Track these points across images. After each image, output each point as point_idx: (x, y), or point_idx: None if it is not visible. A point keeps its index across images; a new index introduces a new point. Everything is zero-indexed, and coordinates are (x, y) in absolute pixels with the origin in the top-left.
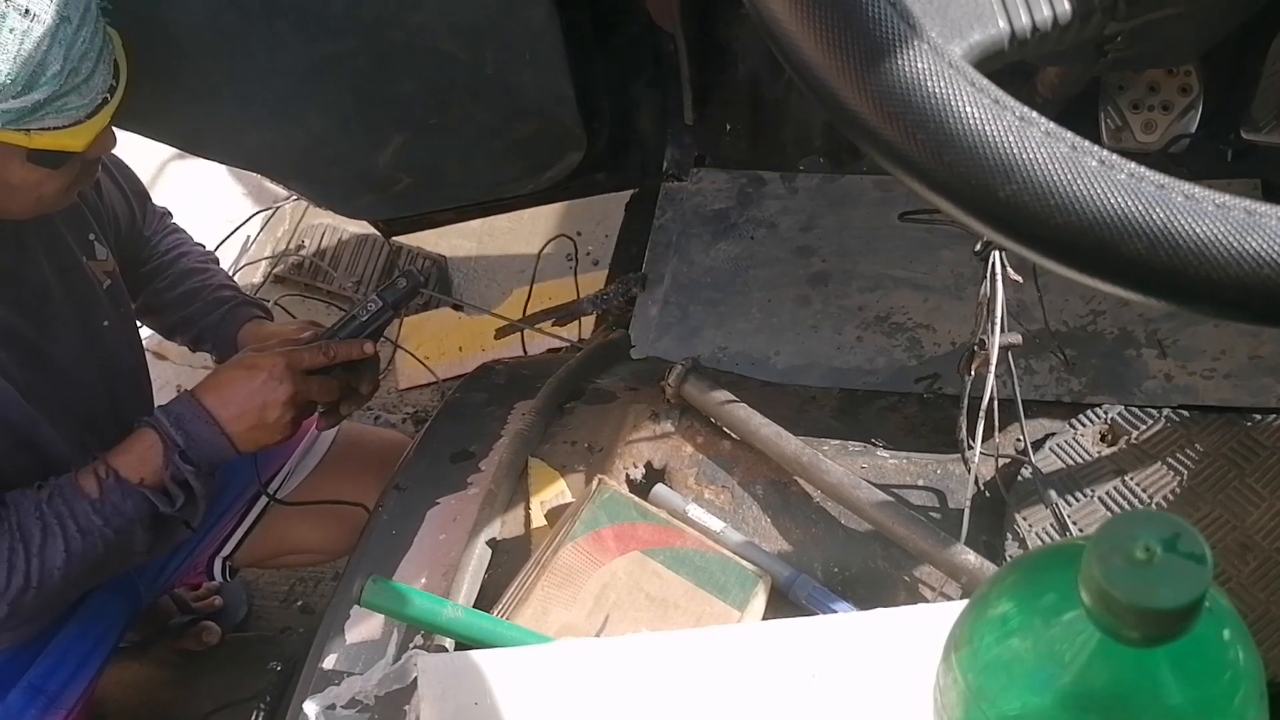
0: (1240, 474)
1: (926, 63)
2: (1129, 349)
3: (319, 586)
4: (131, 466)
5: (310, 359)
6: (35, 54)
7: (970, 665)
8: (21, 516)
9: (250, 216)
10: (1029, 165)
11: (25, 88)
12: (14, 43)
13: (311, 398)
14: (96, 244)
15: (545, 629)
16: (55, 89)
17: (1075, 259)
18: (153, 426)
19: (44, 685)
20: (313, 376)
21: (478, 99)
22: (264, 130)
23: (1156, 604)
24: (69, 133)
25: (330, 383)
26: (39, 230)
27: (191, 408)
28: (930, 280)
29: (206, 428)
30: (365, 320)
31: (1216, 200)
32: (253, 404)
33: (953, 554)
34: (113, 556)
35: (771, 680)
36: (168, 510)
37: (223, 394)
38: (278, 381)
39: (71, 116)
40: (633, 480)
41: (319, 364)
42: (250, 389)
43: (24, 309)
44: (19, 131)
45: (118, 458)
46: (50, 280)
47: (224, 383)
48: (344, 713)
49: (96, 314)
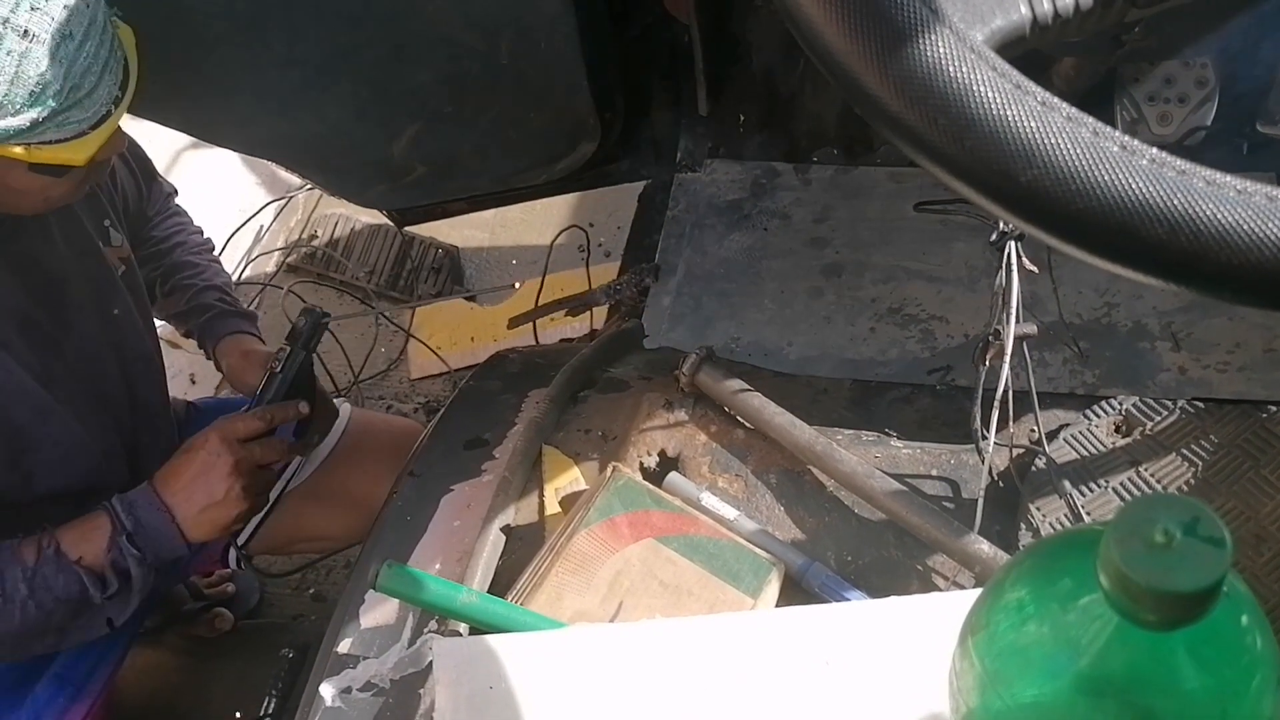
0: (1255, 465)
1: (948, 47)
2: (1143, 341)
3: (330, 574)
4: (74, 542)
5: (245, 428)
6: (33, 74)
7: (986, 650)
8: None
9: (263, 206)
10: (1050, 150)
11: (23, 106)
12: (11, 64)
13: (257, 463)
14: (112, 230)
15: (559, 615)
16: (55, 106)
17: (1096, 244)
18: (105, 509)
19: (69, 675)
20: (253, 442)
21: (493, 89)
22: (279, 119)
23: (1175, 587)
24: (70, 146)
25: (274, 443)
26: (59, 216)
27: (145, 494)
28: (944, 272)
29: (156, 514)
30: (285, 372)
31: (1238, 186)
32: (197, 483)
33: (966, 543)
34: (25, 634)
35: (785, 667)
36: (97, 596)
37: (170, 480)
38: (215, 455)
39: (74, 130)
40: (646, 468)
41: (256, 431)
42: (192, 470)
43: (42, 296)
44: (18, 146)
45: (64, 531)
46: (69, 266)
47: (171, 469)
48: (359, 695)
49: (111, 301)
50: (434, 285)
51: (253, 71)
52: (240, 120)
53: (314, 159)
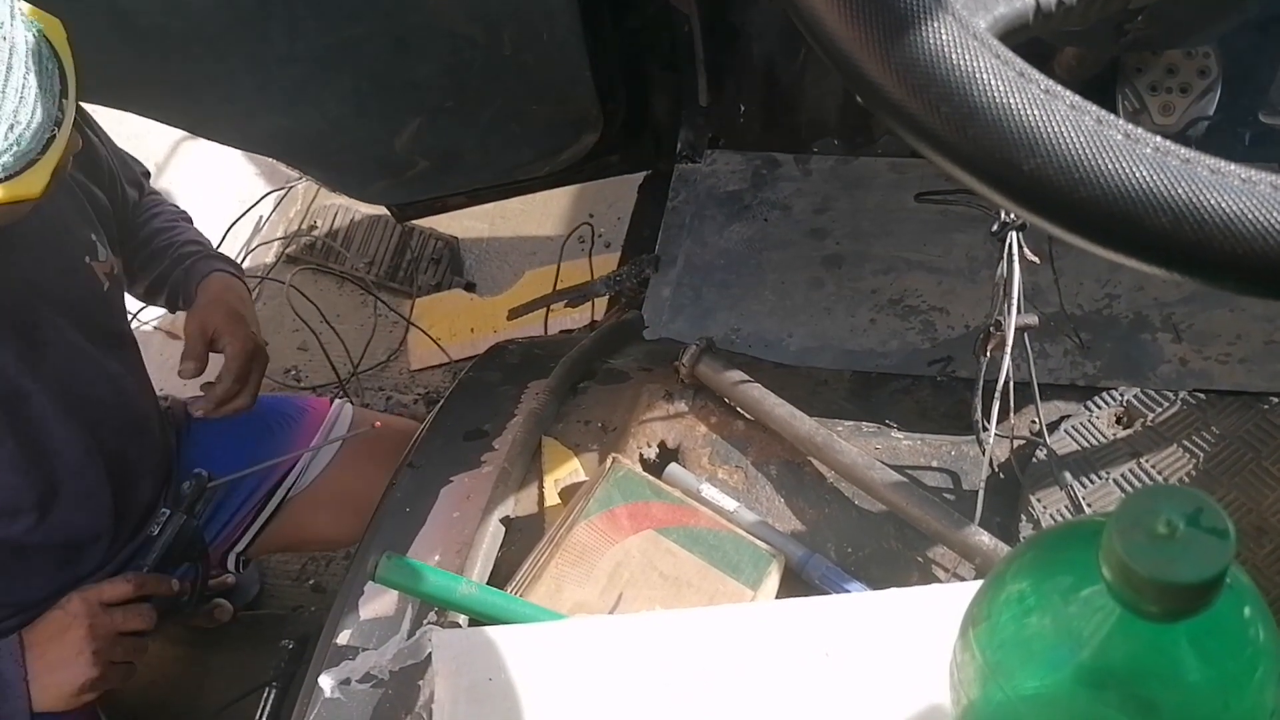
0: (1256, 457)
1: (951, 35)
2: (1144, 333)
3: (330, 565)
4: None
5: (110, 593)
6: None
7: (988, 642)
8: None
9: (263, 196)
10: (1053, 139)
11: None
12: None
13: (116, 629)
14: (99, 244)
15: (558, 606)
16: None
17: (1099, 233)
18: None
19: None
20: (116, 608)
21: (495, 81)
22: (280, 115)
23: (1178, 578)
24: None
25: (140, 610)
26: (44, 232)
27: (9, 644)
28: (944, 263)
29: (12, 665)
30: (161, 537)
31: (1243, 175)
32: (51, 643)
33: (966, 535)
34: None
35: (785, 659)
36: None
37: (32, 635)
38: (71, 618)
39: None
40: (646, 459)
41: (122, 596)
42: (49, 630)
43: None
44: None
45: None
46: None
47: (37, 624)
48: (359, 687)
49: (96, 315)
50: (434, 276)
51: (254, 67)
52: (241, 117)
53: (315, 155)
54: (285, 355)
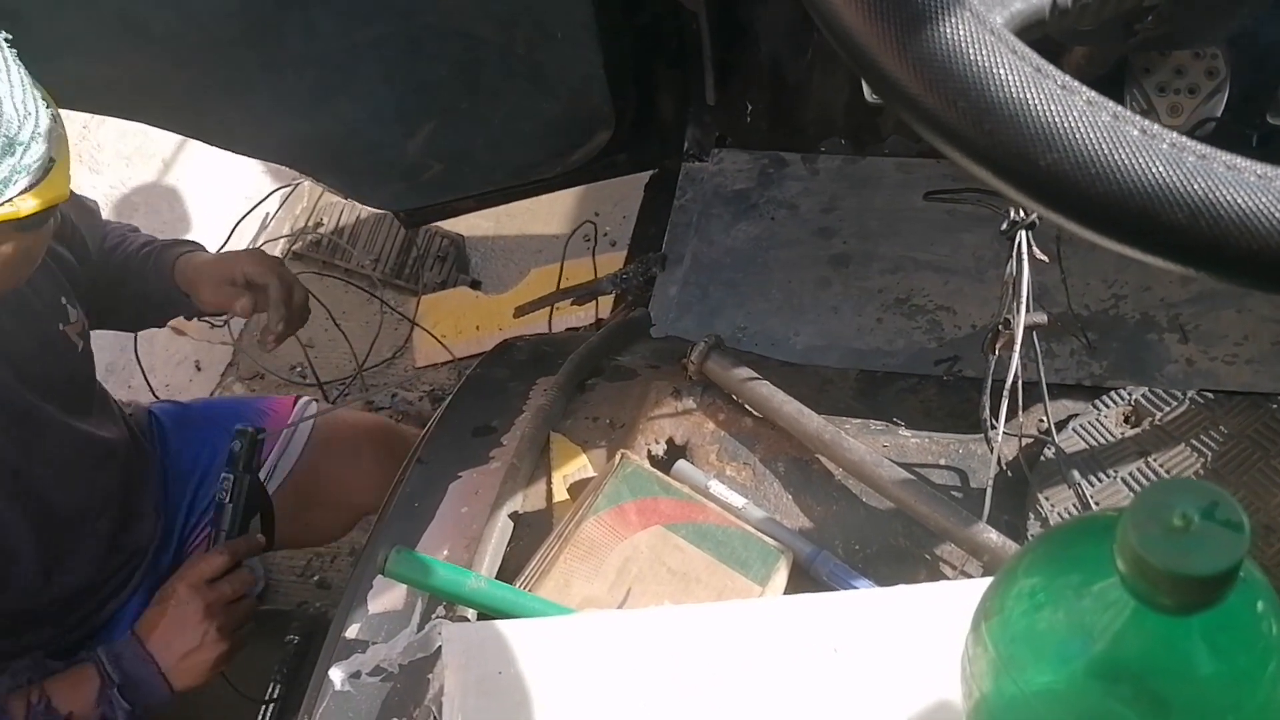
0: (1265, 456)
1: (967, 30)
2: (1151, 333)
3: (335, 561)
4: (65, 696)
5: (210, 568)
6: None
7: (1000, 635)
8: None
9: (269, 194)
10: (1070, 134)
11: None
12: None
13: (228, 600)
14: (69, 306)
15: (567, 601)
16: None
17: (1115, 229)
18: (92, 660)
19: None
20: (220, 581)
21: (509, 81)
22: (296, 121)
23: (1192, 570)
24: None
25: (240, 575)
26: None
27: (130, 645)
28: (951, 263)
29: (142, 666)
30: (235, 501)
31: (1259, 171)
32: (172, 632)
33: (975, 532)
34: None
35: (793, 654)
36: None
37: (149, 630)
38: (185, 604)
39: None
40: (654, 456)
41: (221, 569)
42: (166, 621)
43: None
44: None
45: (53, 685)
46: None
47: (149, 619)
48: (368, 680)
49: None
50: (439, 273)
51: (268, 72)
52: (255, 124)
53: (330, 160)
54: (291, 352)
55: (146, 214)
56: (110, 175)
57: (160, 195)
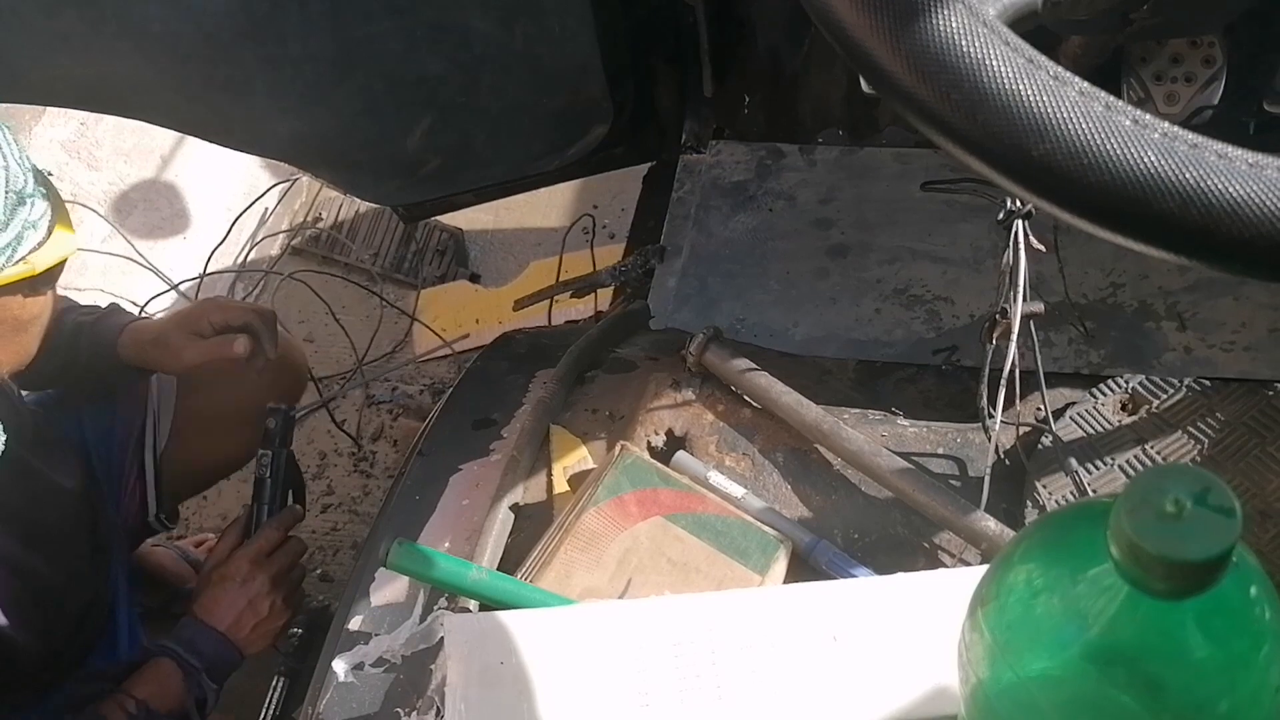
0: (1261, 443)
1: (960, 22)
2: (1148, 321)
3: (338, 555)
4: (158, 698)
5: (267, 543)
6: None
7: (996, 622)
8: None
9: (268, 189)
10: (1062, 124)
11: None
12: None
13: (285, 571)
14: None
15: (568, 592)
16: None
17: (1107, 218)
18: (167, 655)
19: None
20: (277, 553)
21: (507, 75)
22: (294, 118)
23: (1185, 555)
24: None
25: (293, 543)
26: None
27: (198, 629)
28: (949, 253)
29: (217, 644)
30: (274, 476)
31: (1250, 159)
32: (241, 608)
33: (972, 520)
34: None
35: (792, 643)
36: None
37: (215, 611)
38: (250, 580)
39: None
40: (654, 447)
41: (276, 542)
42: (232, 598)
43: None
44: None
45: (142, 690)
46: None
47: (210, 602)
48: (372, 671)
49: None
50: (439, 267)
51: (267, 70)
52: (255, 121)
53: (329, 156)
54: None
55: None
56: (109, 172)
57: (159, 192)
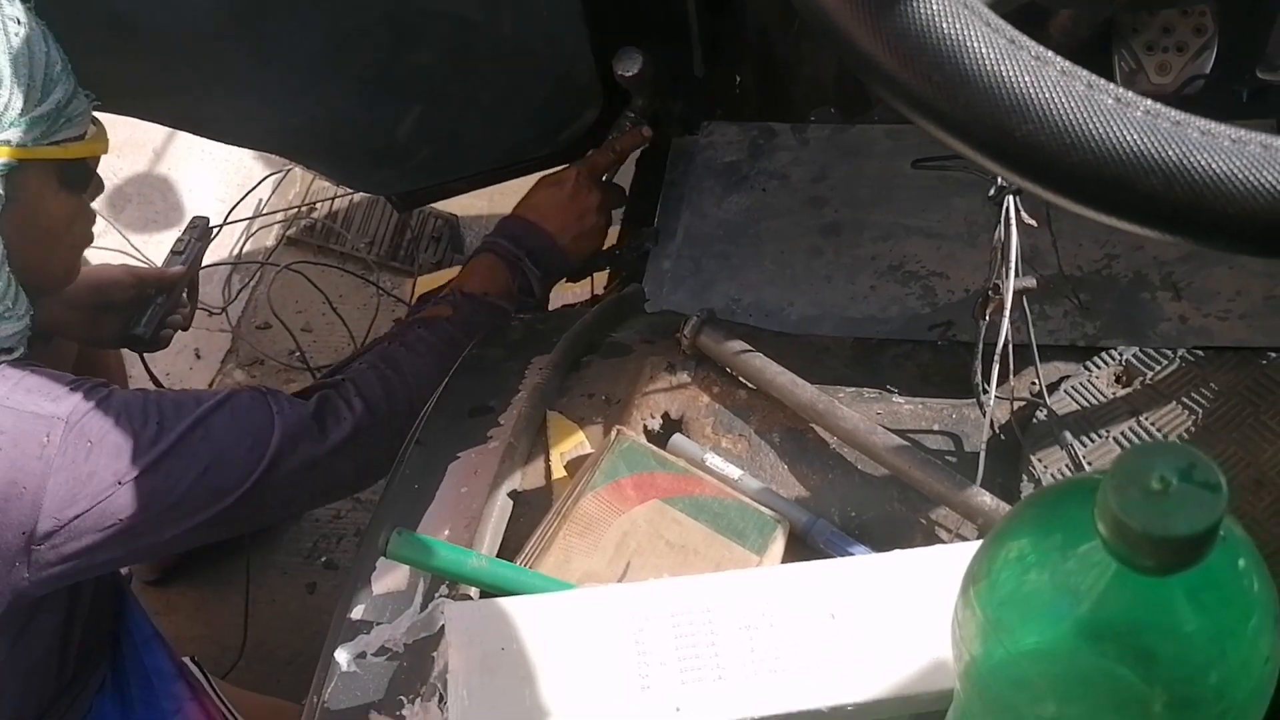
0: (1255, 411)
1: (941, 4)
2: (1143, 292)
3: (341, 543)
4: (479, 285)
5: (603, 162)
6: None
7: (988, 599)
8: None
9: (261, 180)
10: (1045, 104)
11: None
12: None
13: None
14: None
15: (567, 576)
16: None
17: (1092, 197)
18: (491, 250)
19: None
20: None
21: (496, 62)
22: (283, 110)
23: (1171, 532)
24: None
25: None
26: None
27: (524, 226)
28: (943, 228)
29: (542, 239)
30: None
31: (1233, 135)
32: (571, 215)
33: (968, 496)
34: None
35: (791, 622)
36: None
37: (543, 212)
38: (586, 191)
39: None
40: (650, 431)
41: (610, 164)
42: (562, 202)
43: None
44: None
45: (463, 281)
46: None
47: (538, 203)
48: (374, 660)
49: None
50: (435, 254)
51: (255, 63)
52: (243, 115)
53: (319, 148)
54: (289, 337)
55: (139, 204)
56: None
57: (152, 185)
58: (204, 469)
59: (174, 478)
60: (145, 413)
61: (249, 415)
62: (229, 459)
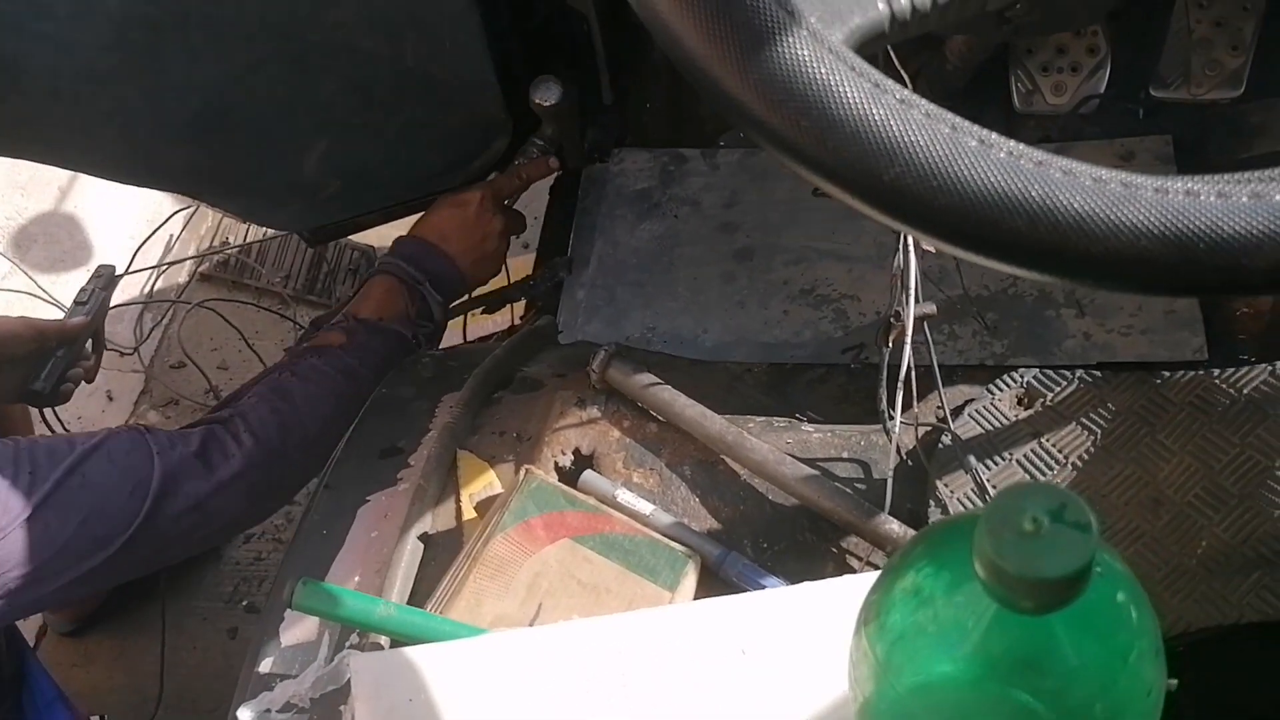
0: (1151, 431)
1: (807, 50)
2: (1048, 310)
3: (263, 585)
4: (373, 311)
5: (509, 187)
6: None
7: (879, 638)
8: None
9: (171, 215)
10: (911, 148)
11: None
12: None
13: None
14: None
15: (479, 621)
16: None
17: (960, 239)
18: (388, 272)
19: None
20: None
21: (401, 94)
22: (183, 148)
23: (1043, 574)
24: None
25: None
26: None
27: (424, 248)
28: (853, 251)
29: (443, 262)
30: None
31: (1094, 175)
32: (474, 238)
33: (877, 524)
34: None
35: (702, 659)
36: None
37: (444, 233)
38: (490, 214)
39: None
40: (561, 467)
41: (515, 190)
42: (466, 225)
43: None
44: None
45: (358, 306)
46: None
47: (439, 223)
48: (279, 717)
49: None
50: (352, 287)
51: (151, 102)
52: (141, 154)
53: (223, 185)
54: (204, 377)
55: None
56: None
57: (58, 224)
58: (84, 517)
59: (53, 528)
60: (17, 463)
61: (127, 457)
62: (109, 504)
